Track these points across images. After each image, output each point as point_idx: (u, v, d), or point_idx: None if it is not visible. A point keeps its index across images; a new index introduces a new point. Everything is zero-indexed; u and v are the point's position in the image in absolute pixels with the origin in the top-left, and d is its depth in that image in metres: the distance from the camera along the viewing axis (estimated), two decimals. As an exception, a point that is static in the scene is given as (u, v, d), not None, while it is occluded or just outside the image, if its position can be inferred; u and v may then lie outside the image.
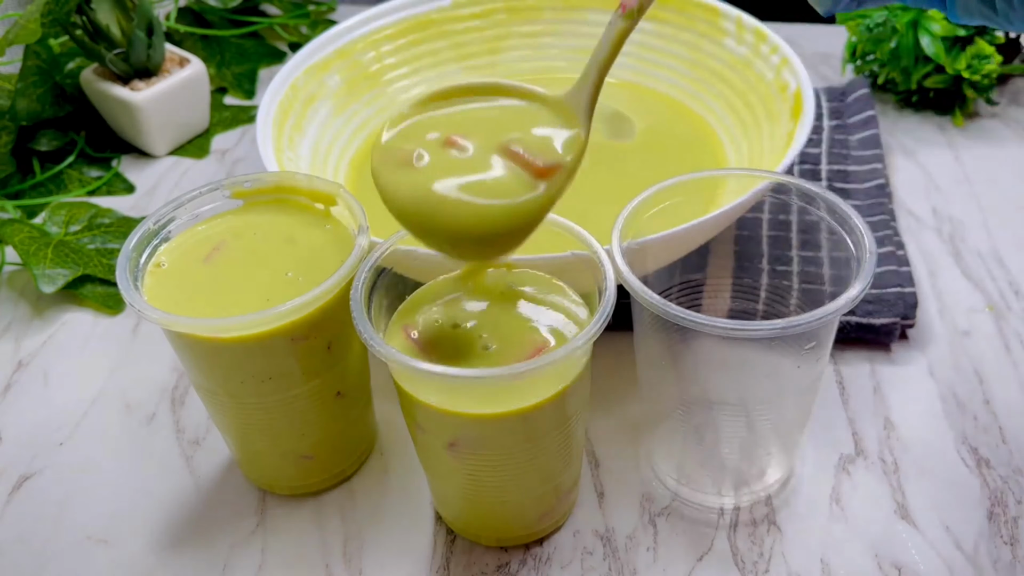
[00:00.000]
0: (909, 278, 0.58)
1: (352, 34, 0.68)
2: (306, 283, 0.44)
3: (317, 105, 0.65)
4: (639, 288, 0.41)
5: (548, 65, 0.72)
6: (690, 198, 0.47)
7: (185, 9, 0.85)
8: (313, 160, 0.63)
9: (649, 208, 0.46)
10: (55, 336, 0.61)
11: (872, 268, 0.41)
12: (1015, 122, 0.74)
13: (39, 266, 0.62)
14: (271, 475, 0.50)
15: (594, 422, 0.53)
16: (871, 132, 0.71)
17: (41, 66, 0.72)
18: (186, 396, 0.56)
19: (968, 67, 0.71)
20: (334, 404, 0.47)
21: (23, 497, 0.51)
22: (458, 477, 0.44)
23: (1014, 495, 0.48)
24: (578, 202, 0.63)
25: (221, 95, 0.83)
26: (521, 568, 0.47)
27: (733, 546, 0.47)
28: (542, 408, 0.40)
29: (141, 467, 0.53)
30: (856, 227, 0.43)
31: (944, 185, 0.68)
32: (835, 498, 0.49)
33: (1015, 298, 0.59)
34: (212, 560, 0.48)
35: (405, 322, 0.43)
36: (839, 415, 0.53)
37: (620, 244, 0.43)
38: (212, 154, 0.77)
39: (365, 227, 0.45)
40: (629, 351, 0.56)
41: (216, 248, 0.47)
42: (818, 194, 0.45)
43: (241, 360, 0.44)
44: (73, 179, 0.73)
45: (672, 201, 0.46)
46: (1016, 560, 0.45)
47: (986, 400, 0.53)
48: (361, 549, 0.48)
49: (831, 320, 0.41)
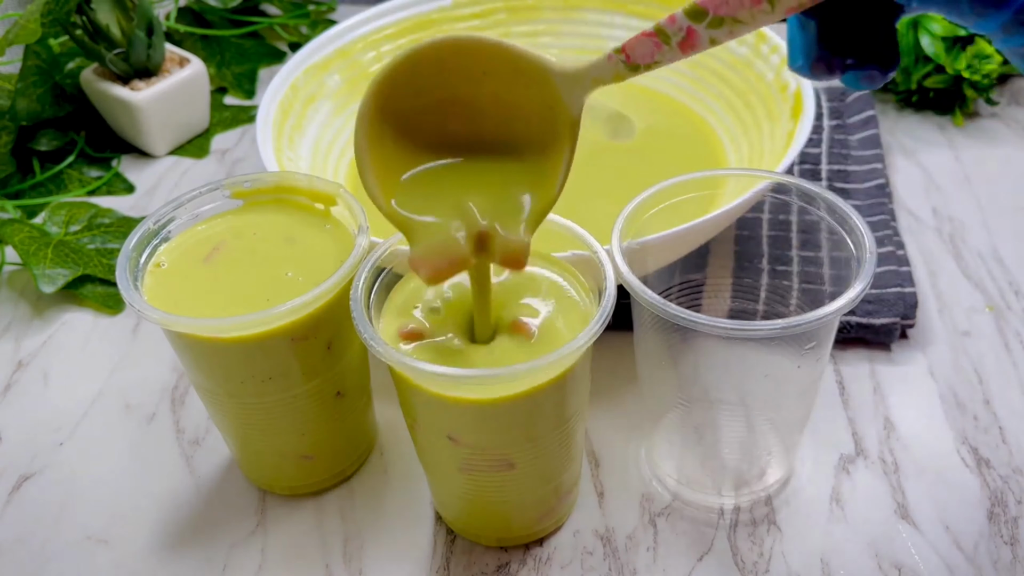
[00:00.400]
0: (909, 278, 0.58)
1: (352, 34, 0.68)
2: (306, 283, 0.44)
3: (317, 105, 0.65)
4: (639, 288, 0.41)
5: (548, 65, 0.72)
6: (690, 198, 0.47)
7: (185, 9, 0.85)
8: (313, 160, 0.63)
9: (649, 208, 0.46)
10: (55, 336, 0.61)
11: (872, 268, 0.41)
12: (1015, 122, 0.74)
13: (39, 266, 0.62)
14: (271, 475, 0.50)
15: (594, 422, 0.53)
16: (871, 132, 0.71)
17: (41, 66, 0.72)
18: (186, 396, 0.56)
19: (968, 67, 0.71)
20: (334, 404, 0.47)
21: (23, 497, 0.51)
22: (458, 477, 0.44)
23: (1014, 495, 0.48)
24: (578, 202, 0.63)
25: (221, 95, 0.83)
26: (521, 568, 0.47)
27: (733, 546, 0.47)
28: (543, 390, 0.40)
29: (141, 467, 0.53)
30: (856, 227, 0.43)
31: (944, 185, 0.68)
32: (835, 498, 0.49)
33: (1015, 298, 0.59)
34: (212, 560, 0.48)
35: (401, 312, 0.43)
36: (839, 415, 0.53)
37: (620, 244, 0.43)
38: (212, 154, 0.77)
39: (365, 227, 0.45)
40: (629, 351, 0.56)
41: (216, 248, 0.47)
42: (818, 194, 0.45)
43: (241, 360, 0.44)
44: (73, 179, 0.74)
45: (672, 201, 0.46)
46: (1016, 560, 0.45)
47: (986, 400, 0.53)
48: (361, 549, 0.48)
49: (831, 320, 0.41)
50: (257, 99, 0.83)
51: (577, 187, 0.70)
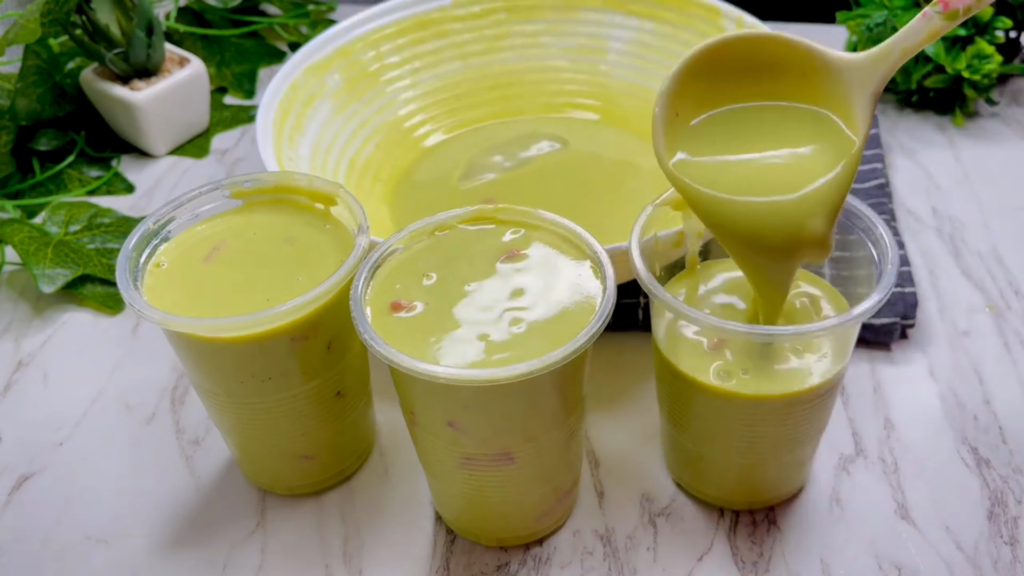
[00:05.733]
0: (909, 278, 0.58)
1: (352, 33, 0.68)
2: (306, 283, 0.44)
3: (317, 105, 0.65)
4: (659, 291, 0.41)
5: (548, 64, 0.72)
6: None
7: (185, 9, 0.85)
8: (313, 160, 0.63)
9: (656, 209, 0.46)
10: (55, 336, 0.61)
11: (893, 279, 0.41)
12: (1015, 122, 0.74)
13: (39, 266, 0.62)
14: (271, 475, 0.50)
15: (594, 422, 0.53)
16: (871, 132, 0.71)
17: (41, 66, 0.72)
18: (186, 396, 0.56)
19: (968, 67, 0.70)
20: (334, 404, 0.47)
21: (23, 497, 0.51)
22: (458, 474, 0.44)
23: (1014, 495, 0.48)
24: (578, 201, 0.63)
25: (221, 95, 0.83)
26: (521, 568, 0.47)
27: (733, 546, 0.47)
28: (542, 381, 0.40)
29: (141, 467, 0.53)
30: (882, 238, 0.43)
31: (944, 185, 0.68)
32: (835, 498, 0.49)
33: (1015, 298, 0.59)
34: (212, 560, 0.48)
35: (392, 292, 0.43)
36: (839, 415, 0.53)
37: (639, 247, 0.43)
38: (212, 154, 0.77)
39: (365, 227, 0.45)
40: (629, 351, 0.56)
41: (216, 248, 0.47)
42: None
43: (241, 360, 0.44)
44: (73, 179, 0.73)
45: (672, 201, 0.46)
46: (1016, 560, 0.45)
47: (986, 400, 0.53)
48: (361, 549, 0.48)
49: (848, 327, 0.41)
50: (257, 99, 0.82)
51: (577, 187, 0.70)
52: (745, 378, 0.42)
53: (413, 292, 0.43)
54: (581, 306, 0.42)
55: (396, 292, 0.43)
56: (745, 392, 0.42)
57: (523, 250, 0.44)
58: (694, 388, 0.43)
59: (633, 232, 0.43)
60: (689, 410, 0.45)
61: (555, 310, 0.42)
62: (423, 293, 0.43)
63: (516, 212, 0.45)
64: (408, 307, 0.42)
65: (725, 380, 0.42)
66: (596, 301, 0.42)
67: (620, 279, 0.46)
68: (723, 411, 0.43)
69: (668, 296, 0.41)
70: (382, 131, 0.68)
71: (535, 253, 0.44)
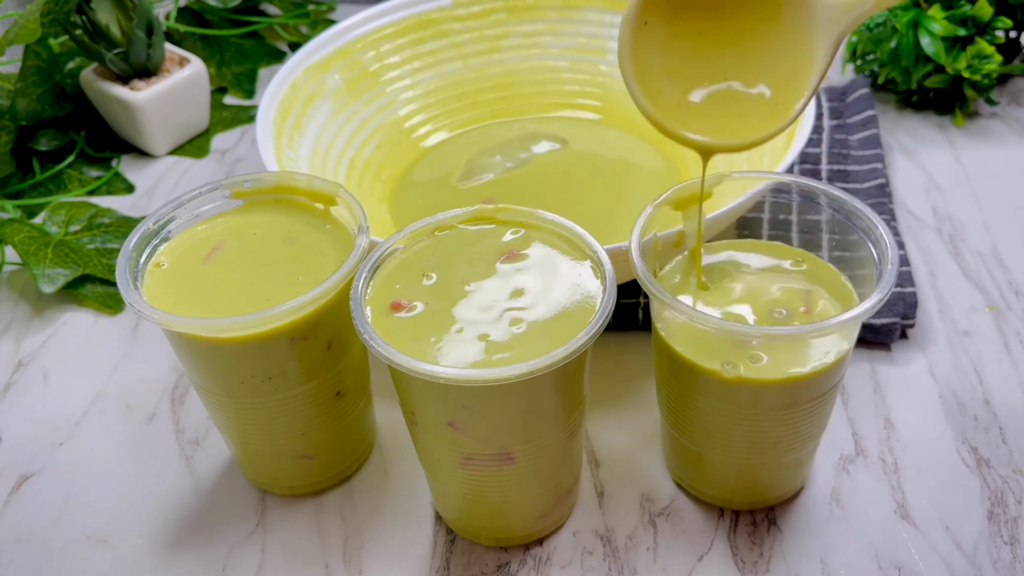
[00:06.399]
0: (909, 278, 0.58)
1: (352, 33, 0.68)
2: (306, 283, 0.44)
3: (317, 104, 0.65)
4: (659, 290, 0.41)
5: (548, 64, 0.72)
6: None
7: (185, 9, 0.85)
8: (313, 160, 0.63)
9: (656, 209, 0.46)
10: (55, 336, 0.61)
11: (893, 279, 0.41)
12: (1015, 122, 0.74)
13: (39, 266, 0.62)
14: (271, 475, 0.50)
15: (594, 422, 0.53)
16: (871, 132, 0.71)
17: (41, 66, 0.72)
18: (186, 396, 0.56)
19: (968, 67, 0.70)
20: (334, 404, 0.47)
21: (23, 497, 0.51)
22: (458, 474, 0.44)
23: (1014, 495, 0.48)
24: (578, 201, 0.63)
25: (221, 95, 0.83)
26: (521, 568, 0.47)
27: (733, 546, 0.47)
28: (541, 380, 0.40)
29: (141, 467, 0.53)
30: (882, 238, 0.43)
31: (944, 185, 0.68)
32: (835, 498, 0.49)
33: (1015, 298, 0.59)
34: (212, 560, 0.48)
35: (392, 290, 0.43)
36: (839, 415, 0.53)
37: (639, 247, 0.43)
38: (212, 154, 0.77)
39: (365, 227, 0.45)
40: (629, 351, 0.56)
41: (216, 248, 0.47)
42: (822, 191, 0.45)
43: (241, 360, 0.44)
44: (73, 179, 0.73)
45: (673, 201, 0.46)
46: (1016, 560, 0.45)
47: (986, 400, 0.53)
48: (361, 549, 0.48)
49: (848, 326, 0.41)
50: (257, 99, 0.83)
51: (576, 187, 0.70)
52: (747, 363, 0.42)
53: (413, 292, 0.43)
54: (581, 306, 0.42)
55: (396, 292, 0.43)
56: (747, 376, 0.42)
57: (523, 250, 0.44)
58: (695, 375, 0.43)
59: (633, 232, 0.43)
60: (689, 410, 0.45)
61: (555, 310, 0.42)
62: (423, 293, 0.43)
63: (516, 212, 0.45)
64: (408, 307, 0.42)
65: (726, 365, 0.42)
66: (596, 301, 0.42)
67: (620, 279, 0.46)
68: (723, 405, 0.43)
69: (668, 296, 0.41)
70: (382, 131, 0.68)
71: (535, 253, 0.44)
